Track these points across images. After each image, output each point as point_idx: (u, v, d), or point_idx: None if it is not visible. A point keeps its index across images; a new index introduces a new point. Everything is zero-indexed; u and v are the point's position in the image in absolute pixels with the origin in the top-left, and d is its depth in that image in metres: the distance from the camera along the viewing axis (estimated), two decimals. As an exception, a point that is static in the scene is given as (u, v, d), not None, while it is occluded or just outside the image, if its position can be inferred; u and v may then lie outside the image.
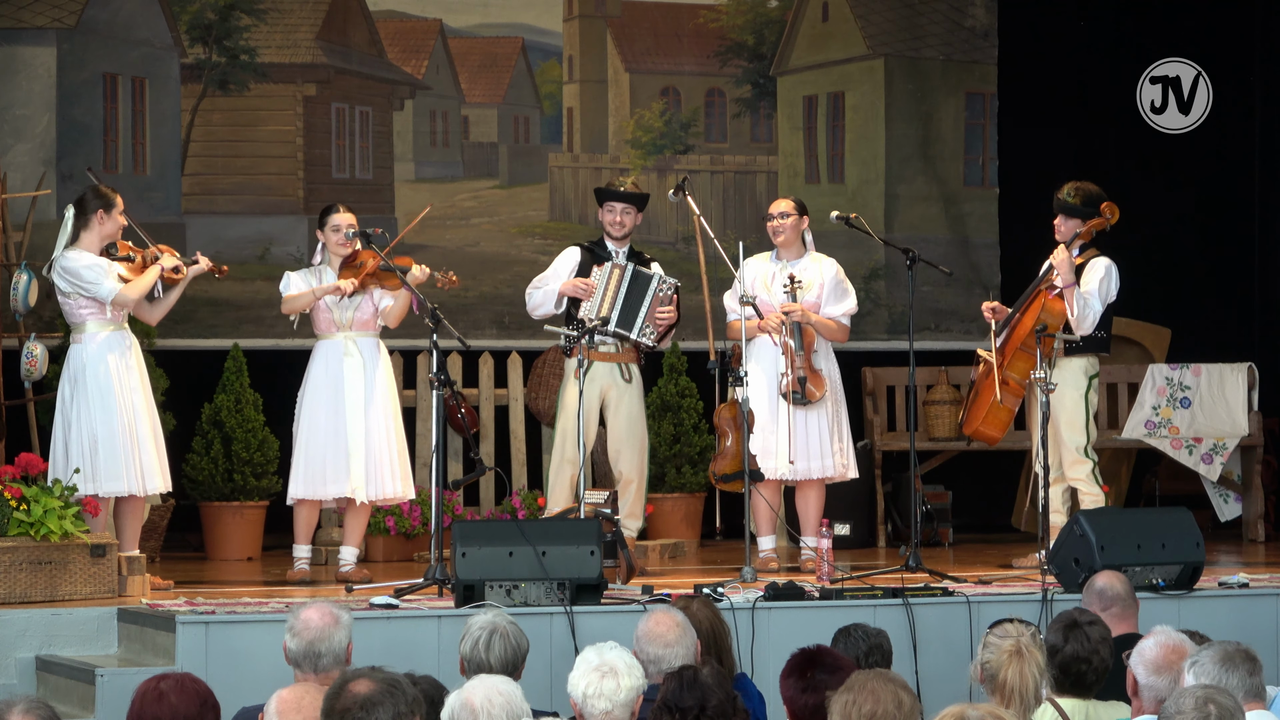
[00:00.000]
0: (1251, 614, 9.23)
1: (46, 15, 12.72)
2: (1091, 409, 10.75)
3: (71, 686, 8.53)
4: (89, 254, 9.81)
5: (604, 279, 10.64)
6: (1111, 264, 10.73)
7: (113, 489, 9.71)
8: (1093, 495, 10.68)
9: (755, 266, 10.91)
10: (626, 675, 5.86)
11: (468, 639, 6.69)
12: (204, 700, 5.52)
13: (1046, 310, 10.52)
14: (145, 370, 9.98)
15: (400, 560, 11.81)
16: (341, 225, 10.39)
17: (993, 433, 10.80)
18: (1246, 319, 14.92)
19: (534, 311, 10.86)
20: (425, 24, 13.64)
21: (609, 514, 9.53)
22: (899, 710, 5.11)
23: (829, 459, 10.75)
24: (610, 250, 10.80)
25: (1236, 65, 14.75)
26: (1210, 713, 5.07)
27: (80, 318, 9.83)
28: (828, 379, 10.74)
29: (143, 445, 9.78)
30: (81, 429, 9.70)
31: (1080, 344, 10.64)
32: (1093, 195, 10.73)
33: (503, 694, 5.40)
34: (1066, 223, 10.73)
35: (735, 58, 14.13)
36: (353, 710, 4.97)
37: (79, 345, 9.81)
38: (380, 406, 10.38)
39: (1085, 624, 6.70)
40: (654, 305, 10.68)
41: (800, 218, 10.90)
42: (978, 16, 14.50)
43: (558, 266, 10.84)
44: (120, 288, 9.75)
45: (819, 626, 8.12)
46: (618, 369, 10.71)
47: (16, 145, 12.56)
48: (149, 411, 9.87)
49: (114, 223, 9.87)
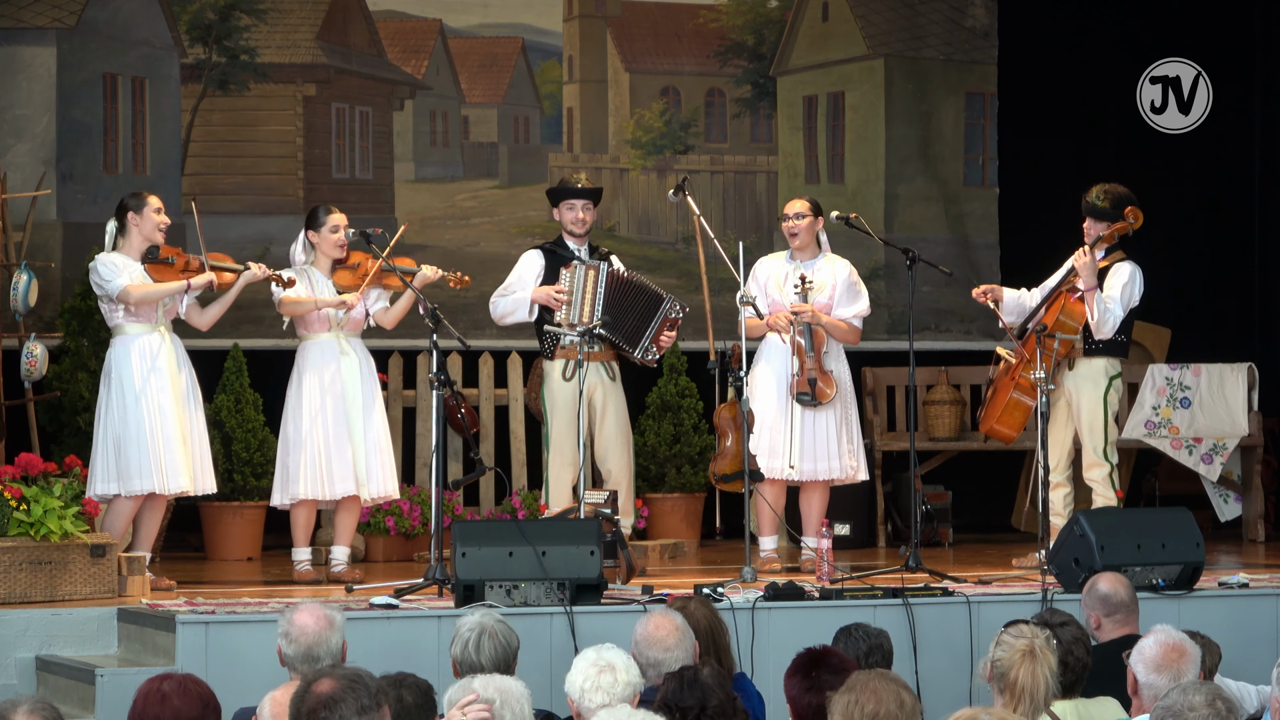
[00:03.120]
0: (1251, 614, 9.23)
1: (46, 15, 12.72)
2: (1111, 410, 10.72)
3: (71, 686, 8.53)
4: (117, 254, 9.86)
5: (578, 283, 10.57)
6: (1137, 268, 10.70)
7: (135, 487, 9.74)
8: (1105, 498, 10.66)
9: (769, 266, 10.89)
10: (624, 671, 5.94)
11: (457, 641, 6.71)
12: (205, 702, 5.51)
13: (1066, 312, 10.52)
14: (178, 371, 9.95)
15: (400, 560, 11.81)
16: (340, 226, 10.37)
17: (1008, 431, 10.81)
18: (1246, 319, 14.93)
19: (502, 320, 10.79)
20: (425, 24, 13.64)
21: (609, 514, 9.53)
22: (900, 710, 5.11)
23: (835, 460, 10.73)
24: (572, 249, 10.75)
25: (1236, 65, 14.75)
26: (1220, 709, 5.09)
27: (115, 320, 9.91)
28: (838, 381, 10.73)
29: (168, 445, 9.79)
30: (108, 428, 9.77)
31: (1100, 345, 10.63)
32: (1121, 198, 10.69)
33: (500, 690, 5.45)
34: (1094, 225, 10.71)
35: (735, 58, 14.13)
36: (318, 711, 5.00)
37: (112, 347, 9.90)
38: (376, 406, 10.39)
39: (1057, 625, 6.72)
40: (662, 326, 10.67)
41: (815, 218, 10.88)
42: (978, 16, 14.50)
43: (521, 273, 10.74)
44: (127, 285, 9.76)
45: (819, 626, 8.12)
46: (603, 368, 10.70)
47: (16, 145, 12.56)
48: (176, 412, 9.85)
49: (149, 222, 9.91)
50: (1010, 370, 10.70)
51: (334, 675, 5.10)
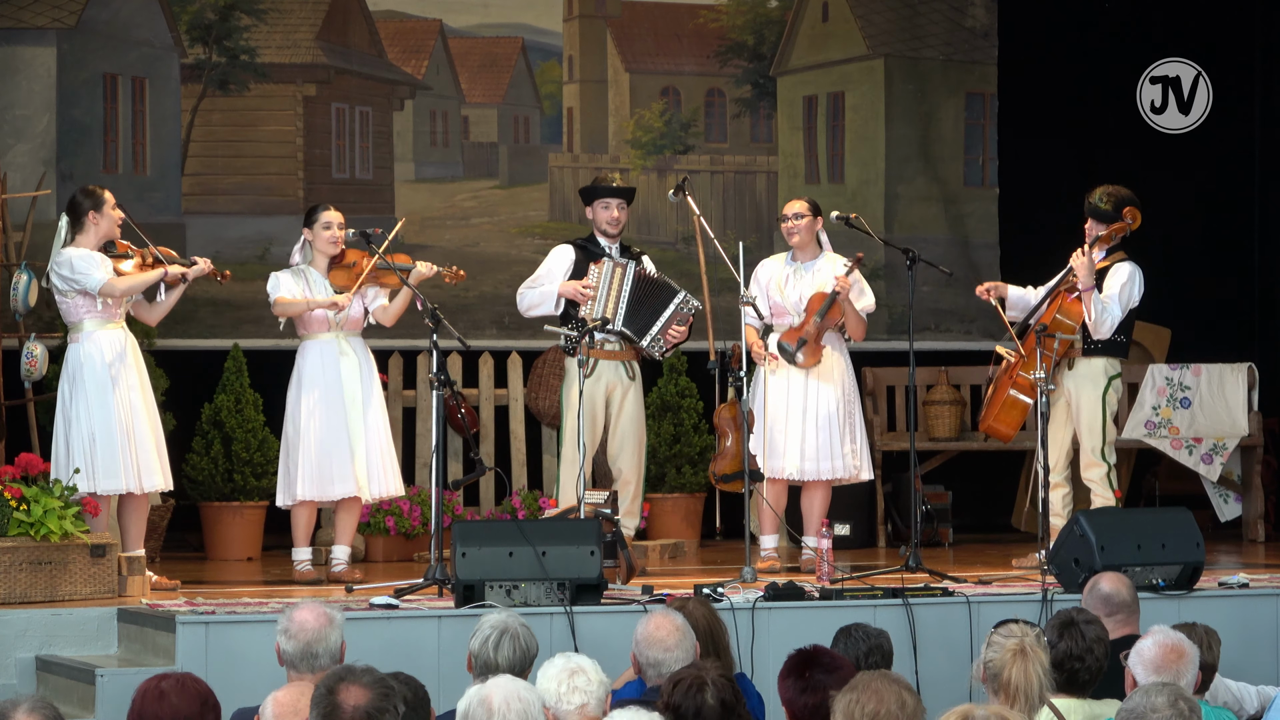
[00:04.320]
0: (1251, 614, 9.23)
1: (46, 15, 12.72)
2: (1110, 410, 10.72)
3: (71, 686, 8.53)
4: (84, 249, 9.81)
5: (605, 279, 10.60)
6: (1136, 269, 10.70)
7: (110, 487, 9.71)
8: (1104, 498, 10.67)
9: (770, 268, 10.90)
10: (594, 671, 5.97)
11: (478, 636, 6.68)
12: (204, 700, 5.50)
13: (1063, 312, 10.52)
14: (144, 369, 9.98)
15: (400, 560, 11.81)
16: (333, 223, 10.35)
17: (1005, 430, 10.81)
18: (1246, 319, 14.93)
19: (528, 312, 10.82)
20: (425, 24, 13.64)
21: (609, 514, 9.53)
22: (902, 711, 5.11)
23: (839, 460, 10.73)
24: (604, 246, 10.77)
25: (1236, 65, 14.75)
26: (1182, 710, 5.11)
27: (77, 317, 9.82)
28: (841, 382, 10.72)
29: (141, 443, 9.77)
30: (80, 428, 9.71)
31: (1099, 345, 10.63)
32: (1122, 199, 10.70)
33: (522, 700, 5.40)
34: (1095, 226, 10.71)
35: (735, 58, 14.13)
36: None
37: (76, 345, 9.81)
38: (376, 405, 10.39)
39: (1082, 623, 6.72)
40: (671, 320, 10.67)
41: (815, 218, 10.88)
42: (978, 16, 14.50)
43: (552, 266, 10.79)
44: (108, 278, 9.73)
45: (819, 626, 8.12)
46: (622, 366, 10.70)
47: (16, 145, 12.56)
48: (147, 410, 9.86)
49: (108, 220, 9.86)
50: (1010, 369, 10.70)
51: (363, 683, 5.03)
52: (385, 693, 5.01)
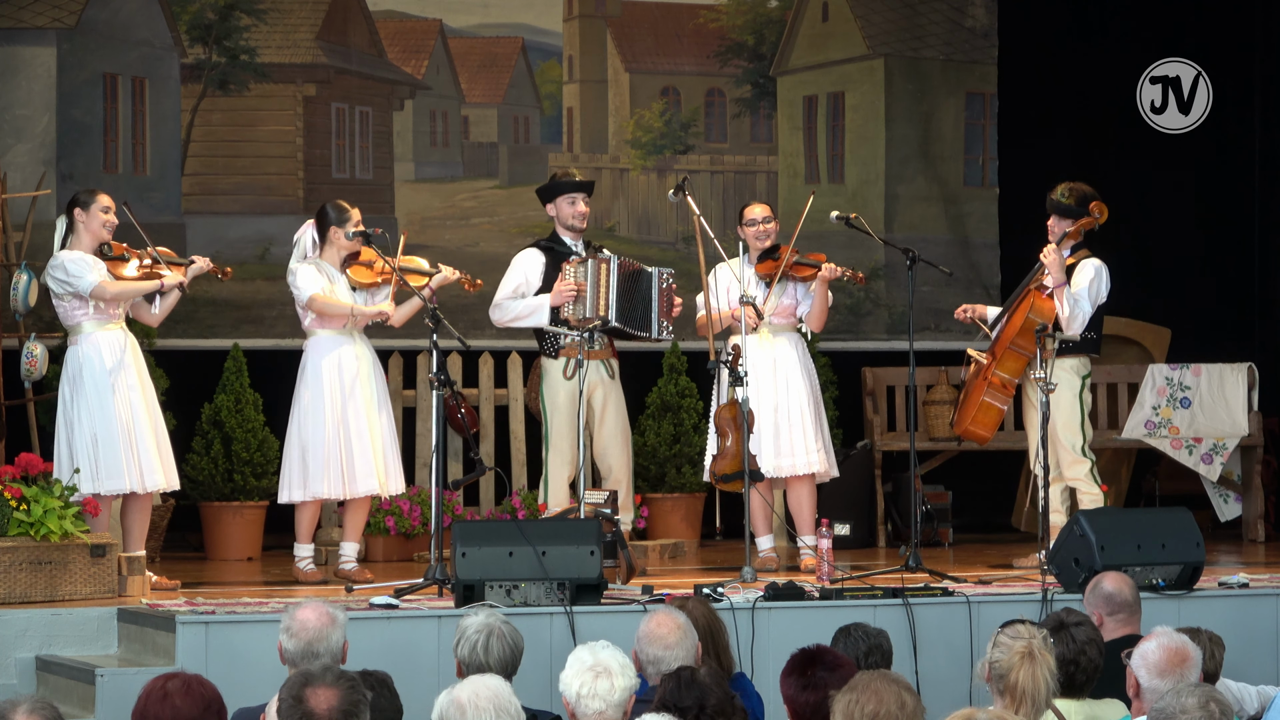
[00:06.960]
0: (1251, 614, 9.23)
1: (46, 15, 12.72)
2: (1086, 408, 10.75)
3: (71, 687, 8.53)
4: (79, 252, 9.81)
5: (590, 277, 10.55)
6: (1102, 265, 10.73)
7: (113, 487, 9.72)
8: (1092, 495, 10.69)
9: (730, 272, 10.84)
10: (620, 675, 5.86)
11: (464, 643, 6.66)
12: (208, 704, 5.40)
13: (1036, 309, 10.51)
14: (144, 369, 9.98)
15: (400, 560, 11.81)
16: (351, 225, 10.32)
17: (982, 432, 10.80)
18: (1246, 319, 14.93)
19: (513, 323, 10.71)
20: (425, 24, 13.64)
21: (609, 514, 9.53)
22: (902, 711, 5.11)
23: (814, 455, 10.73)
24: (568, 244, 10.72)
25: (1236, 65, 14.75)
26: (1213, 712, 5.08)
27: (75, 319, 9.83)
28: (797, 367, 10.71)
29: (142, 443, 9.78)
30: (81, 430, 9.71)
31: (1071, 344, 10.64)
32: (1085, 195, 10.74)
33: (490, 688, 5.40)
34: (1060, 223, 10.74)
35: (735, 58, 14.13)
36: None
37: (75, 346, 9.81)
38: (386, 403, 10.39)
39: (1072, 625, 6.70)
40: (663, 300, 10.66)
41: (775, 222, 10.97)
42: (978, 16, 14.50)
43: (527, 274, 10.65)
44: (100, 281, 9.73)
45: (819, 626, 8.12)
46: (603, 365, 10.69)
47: (16, 145, 12.57)
48: (148, 409, 9.86)
49: (97, 219, 9.85)
50: (982, 371, 10.70)
51: (323, 682, 4.99)
52: (352, 685, 4.99)
